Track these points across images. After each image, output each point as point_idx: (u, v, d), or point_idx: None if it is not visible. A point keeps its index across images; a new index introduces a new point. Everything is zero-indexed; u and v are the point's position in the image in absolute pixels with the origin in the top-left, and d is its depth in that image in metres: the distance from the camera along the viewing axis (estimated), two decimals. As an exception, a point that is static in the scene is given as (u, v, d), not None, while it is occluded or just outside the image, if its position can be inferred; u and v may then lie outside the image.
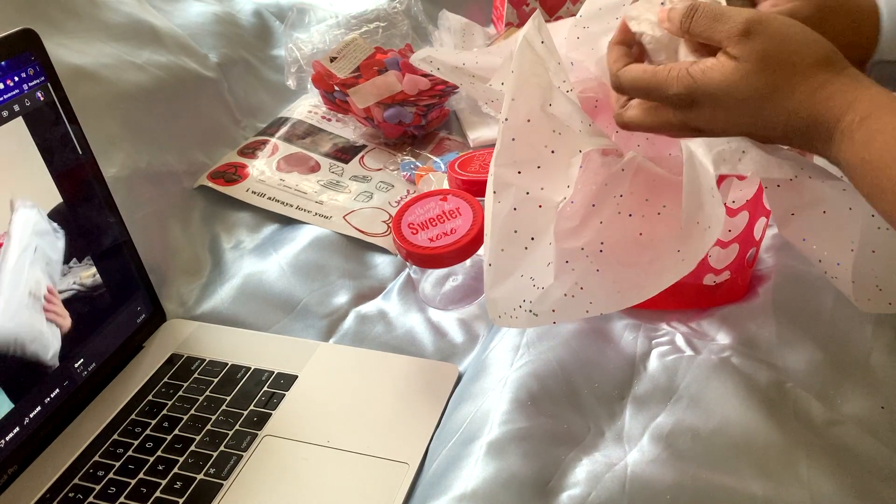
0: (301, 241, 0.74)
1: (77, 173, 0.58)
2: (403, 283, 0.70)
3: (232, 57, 0.97)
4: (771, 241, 0.64)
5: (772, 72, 0.41)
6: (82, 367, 0.58)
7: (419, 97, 0.88)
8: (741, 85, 0.41)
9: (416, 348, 0.64)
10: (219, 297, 0.69)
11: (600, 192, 0.48)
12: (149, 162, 0.77)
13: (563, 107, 0.46)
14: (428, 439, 0.54)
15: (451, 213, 0.64)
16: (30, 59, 0.54)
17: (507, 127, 0.46)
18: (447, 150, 0.90)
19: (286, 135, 0.90)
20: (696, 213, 0.46)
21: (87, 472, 0.53)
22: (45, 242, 0.54)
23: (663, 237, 0.48)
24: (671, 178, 0.48)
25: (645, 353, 0.54)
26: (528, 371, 0.53)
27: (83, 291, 0.58)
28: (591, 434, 0.49)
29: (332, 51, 0.92)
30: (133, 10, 0.89)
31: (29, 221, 0.53)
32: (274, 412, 0.57)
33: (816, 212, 0.47)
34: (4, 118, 0.52)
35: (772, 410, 0.48)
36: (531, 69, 0.46)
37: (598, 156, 0.48)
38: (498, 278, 0.49)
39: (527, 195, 0.47)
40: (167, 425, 0.56)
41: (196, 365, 0.62)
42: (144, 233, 0.70)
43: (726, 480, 0.45)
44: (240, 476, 0.52)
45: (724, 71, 0.42)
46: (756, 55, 0.41)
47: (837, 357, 0.52)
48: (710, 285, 0.58)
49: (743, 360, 0.52)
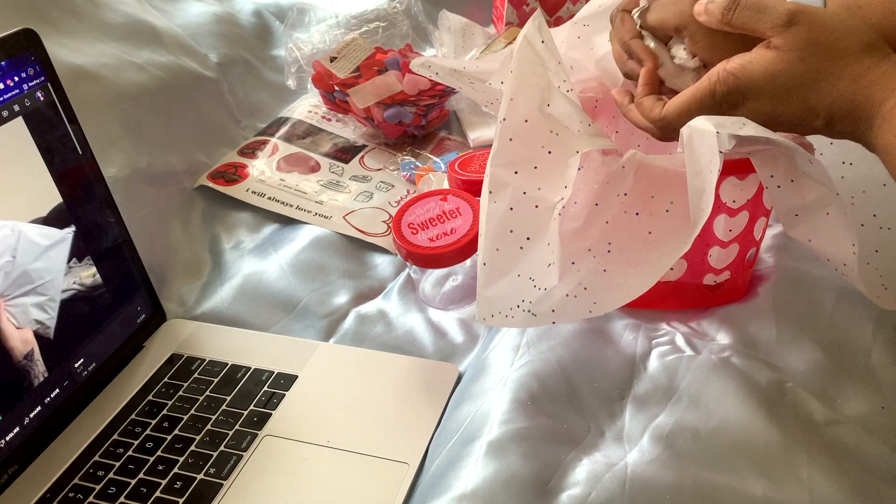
0: (301, 241, 0.74)
1: (77, 173, 0.58)
2: (403, 283, 0.70)
3: (232, 57, 0.97)
4: (771, 241, 0.64)
5: (817, 59, 0.41)
6: (82, 367, 0.58)
7: (419, 97, 0.88)
8: (785, 73, 0.42)
9: (416, 348, 0.64)
10: (219, 297, 0.69)
11: (602, 191, 0.48)
12: (149, 162, 0.77)
13: (563, 107, 0.46)
14: (428, 439, 0.54)
15: (451, 213, 0.64)
16: (30, 59, 0.54)
17: (505, 127, 0.46)
18: (447, 150, 0.90)
19: (286, 135, 0.90)
20: (699, 198, 0.46)
21: (87, 472, 0.53)
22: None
23: (674, 235, 0.48)
24: (675, 171, 0.48)
25: (645, 353, 0.54)
26: (528, 371, 0.52)
27: (83, 291, 0.58)
28: (592, 434, 0.49)
29: (332, 51, 0.92)
30: (133, 10, 0.90)
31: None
32: (274, 412, 0.57)
33: (820, 213, 0.47)
34: (4, 118, 0.52)
35: (772, 410, 0.48)
36: (530, 69, 0.46)
37: (598, 155, 0.48)
38: (492, 277, 0.49)
39: (523, 195, 0.47)
40: (167, 425, 0.56)
41: (196, 365, 0.62)
42: (144, 233, 0.70)
43: (726, 480, 0.45)
44: (240, 476, 0.52)
45: (764, 62, 0.42)
46: (800, 43, 0.41)
47: (837, 357, 0.52)
48: (710, 285, 0.58)
49: (743, 360, 0.52)
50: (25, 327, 0.53)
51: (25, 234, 0.53)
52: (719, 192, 0.52)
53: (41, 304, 0.54)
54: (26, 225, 0.53)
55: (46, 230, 0.55)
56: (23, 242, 0.53)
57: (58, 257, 0.56)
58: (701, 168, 0.45)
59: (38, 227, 0.54)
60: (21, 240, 0.52)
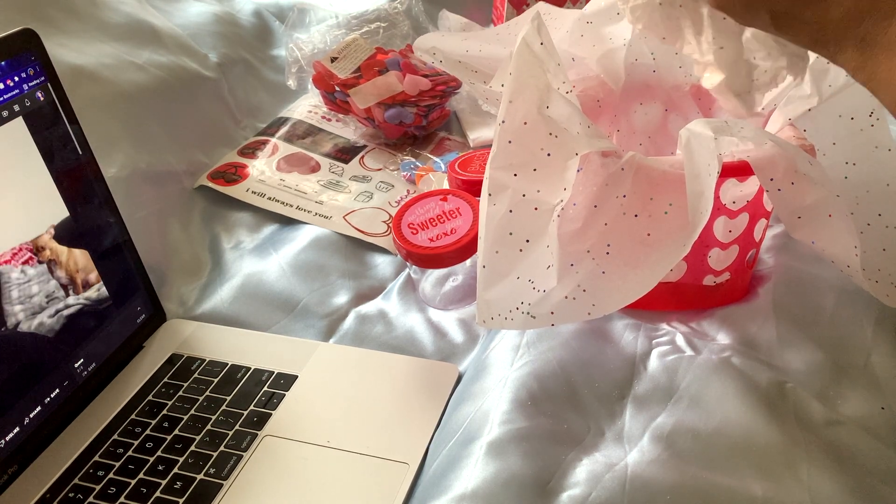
0: (301, 241, 0.74)
1: (77, 173, 0.58)
2: (403, 283, 0.70)
3: (232, 57, 0.98)
4: (771, 242, 0.64)
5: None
6: (82, 367, 0.58)
7: (420, 97, 0.88)
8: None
9: (416, 348, 0.64)
10: (219, 297, 0.69)
11: (601, 193, 0.48)
12: (149, 162, 0.77)
13: (562, 109, 0.46)
14: (428, 439, 0.54)
15: (451, 213, 0.64)
16: (30, 59, 0.54)
17: (504, 129, 0.46)
18: (447, 150, 0.90)
19: (286, 135, 0.90)
20: (698, 200, 0.46)
21: (87, 472, 0.53)
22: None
23: (673, 237, 0.48)
24: (674, 173, 0.48)
25: (645, 353, 0.54)
26: (528, 371, 0.52)
27: (83, 293, 0.58)
28: (592, 434, 0.49)
29: (333, 51, 0.92)
30: (133, 10, 0.90)
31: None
32: (274, 412, 0.57)
33: (822, 215, 0.47)
34: (4, 118, 0.52)
35: (772, 410, 0.48)
36: (529, 71, 0.46)
37: (597, 157, 0.48)
38: (492, 280, 0.49)
39: (523, 197, 0.47)
40: (167, 425, 0.56)
41: (196, 365, 0.62)
42: (144, 233, 0.70)
43: (726, 481, 0.45)
44: (240, 476, 0.52)
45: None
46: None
47: (837, 357, 0.52)
48: (710, 286, 0.58)
49: (743, 360, 0.52)
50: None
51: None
52: (719, 193, 0.52)
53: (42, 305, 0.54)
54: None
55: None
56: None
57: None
58: (699, 171, 0.45)
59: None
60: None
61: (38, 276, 0.54)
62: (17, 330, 0.52)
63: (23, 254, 0.53)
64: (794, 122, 0.55)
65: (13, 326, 0.52)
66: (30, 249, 0.53)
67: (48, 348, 0.55)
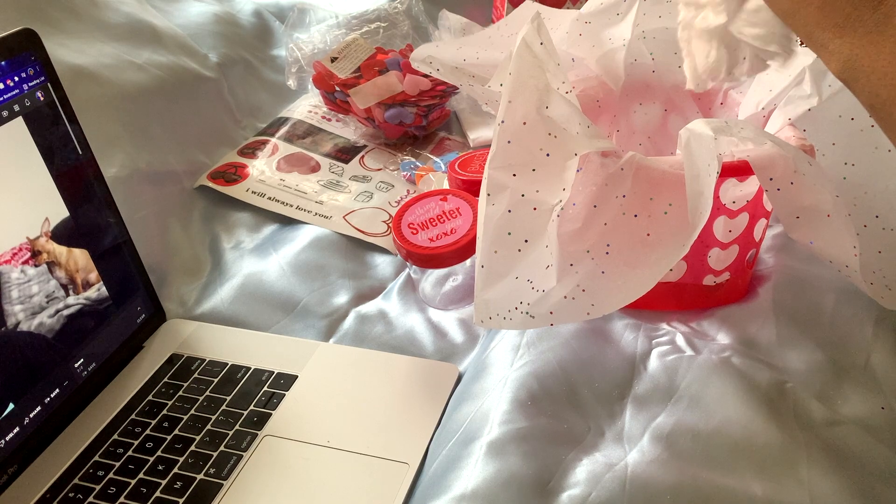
0: (301, 241, 0.74)
1: (77, 173, 0.58)
2: (403, 283, 0.70)
3: (232, 57, 0.97)
4: (771, 242, 0.64)
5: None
6: (82, 367, 0.58)
7: (420, 97, 0.88)
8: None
9: (416, 348, 0.64)
10: (219, 297, 0.69)
11: (601, 193, 0.48)
12: (149, 162, 0.77)
13: (561, 109, 0.46)
14: (428, 439, 0.54)
15: (451, 213, 0.64)
16: (30, 59, 0.54)
17: (503, 129, 0.46)
18: (447, 150, 0.90)
19: (286, 135, 0.90)
20: (698, 200, 0.46)
21: (87, 472, 0.53)
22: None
23: (672, 237, 0.48)
24: (674, 173, 0.48)
25: (645, 353, 0.54)
26: (528, 371, 0.52)
27: (83, 293, 0.58)
28: (592, 434, 0.49)
29: (333, 51, 0.92)
30: (133, 10, 0.90)
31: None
32: (274, 412, 0.57)
33: (821, 216, 0.47)
34: (4, 118, 0.52)
35: (772, 410, 0.48)
36: (529, 71, 0.46)
37: (597, 157, 0.48)
38: (490, 280, 0.49)
39: (522, 197, 0.47)
40: (167, 425, 0.56)
41: (196, 365, 0.62)
42: (144, 233, 0.70)
43: (726, 480, 0.45)
44: (240, 476, 0.52)
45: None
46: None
47: (837, 357, 0.52)
48: (710, 286, 0.58)
49: (743, 360, 0.52)
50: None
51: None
52: (719, 193, 0.52)
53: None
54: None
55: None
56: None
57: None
58: (699, 171, 0.45)
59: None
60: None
61: (37, 275, 0.54)
62: (17, 330, 0.52)
63: (23, 254, 0.53)
64: (793, 122, 0.55)
65: (13, 326, 0.52)
66: (29, 250, 0.53)
67: (48, 348, 0.55)
